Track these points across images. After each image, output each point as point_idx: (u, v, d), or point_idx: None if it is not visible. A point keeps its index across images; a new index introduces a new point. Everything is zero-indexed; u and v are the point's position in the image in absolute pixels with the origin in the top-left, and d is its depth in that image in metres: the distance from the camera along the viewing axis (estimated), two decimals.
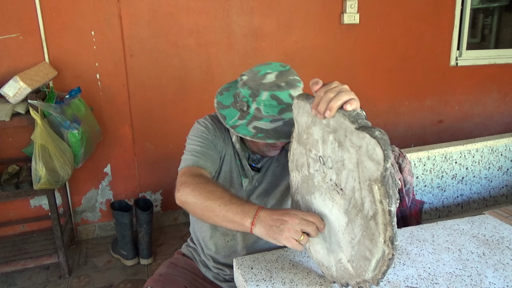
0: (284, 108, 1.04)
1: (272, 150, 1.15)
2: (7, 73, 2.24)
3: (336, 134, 0.77)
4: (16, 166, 2.35)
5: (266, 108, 1.04)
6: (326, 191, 0.86)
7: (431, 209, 2.14)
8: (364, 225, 0.75)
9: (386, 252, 0.73)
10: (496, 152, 2.21)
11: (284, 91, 1.04)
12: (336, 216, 0.83)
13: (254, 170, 1.20)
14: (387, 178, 0.69)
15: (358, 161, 0.72)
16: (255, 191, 1.21)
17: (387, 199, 0.69)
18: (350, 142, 0.73)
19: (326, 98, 0.76)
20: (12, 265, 2.17)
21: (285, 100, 1.04)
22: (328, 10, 2.87)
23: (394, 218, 0.70)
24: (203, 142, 1.13)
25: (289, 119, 1.03)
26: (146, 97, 2.63)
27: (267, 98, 1.04)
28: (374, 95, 3.16)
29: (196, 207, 0.96)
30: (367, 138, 0.68)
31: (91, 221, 2.72)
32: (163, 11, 2.53)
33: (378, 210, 0.71)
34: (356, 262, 0.80)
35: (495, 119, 3.66)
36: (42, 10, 2.30)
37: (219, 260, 1.26)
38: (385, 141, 0.67)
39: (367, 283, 0.79)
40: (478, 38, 3.71)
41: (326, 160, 0.83)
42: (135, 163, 2.71)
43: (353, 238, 0.80)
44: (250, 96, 1.06)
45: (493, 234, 1.15)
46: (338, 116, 0.75)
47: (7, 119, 1.99)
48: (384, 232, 0.71)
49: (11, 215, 2.53)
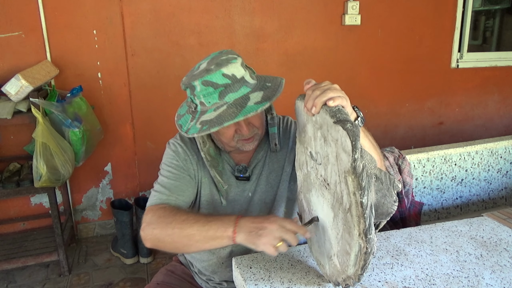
0: (223, 91, 0.96)
1: (245, 144, 1.06)
2: (9, 71, 2.25)
3: (322, 129, 0.80)
4: (17, 164, 2.36)
5: (206, 98, 0.97)
6: (318, 187, 0.88)
7: (430, 210, 2.15)
8: (344, 218, 0.77)
9: (362, 246, 0.74)
10: (495, 155, 2.22)
11: (215, 73, 0.95)
12: (326, 212, 0.85)
13: (243, 179, 1.14)
14: (358, 170, 0.70)
15: (337, 154, 0.75)
16: (251, 202, 1.15)
17: (359, 190, 0.71)
18: (331, 136, 0.76)
19: (313, 96, 0.79)
20: (12, 263, 2.18)
21: (220, 82, 0.95)
22: (330, 11, 2.88)
23: (366, 210, 0.71)
24: (172, 173, 1.09)
25: (233, 101, 0.96)
26: (147, 96, 2.63)
27: (201, 87, 0.96)
28: (375, 97, 3.16)
29: (174, 242, 0.96)
30: (340, 130, 0.72)
31: (91, 219, 2.72)
32: (165, 10, 2.54)
33: (352, 202, 0.73)
34: (340, 258, 0.82)
35: (496, 122, 3.66)
36: (44, 9, 2.31)
37: (210, 277, 1.24)
38: (354, 133, 0.69)
39: (351, 280, 0.80)
40: (479, 40, 3.71)
41: (316, 157, 0.85)
42: (135, 162, 2.72)
43: (337, 233, 0.81)
44: (191, 94, 1.01)
45: (491, 236, 1.15)
46: (322, 112, 0.79)
47: (8, 117, 2.00)
48: (358, 224, 0.73)
49: (11, 213, 2.54)
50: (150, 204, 1.07)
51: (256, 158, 1.16)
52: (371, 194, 0.74)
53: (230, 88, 0.96)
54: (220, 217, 0.94)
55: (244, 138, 1.05)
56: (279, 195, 1.17)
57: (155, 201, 1.06)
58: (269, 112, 1.14)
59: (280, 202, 1.17)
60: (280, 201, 1.17)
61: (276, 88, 0.98)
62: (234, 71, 0.97)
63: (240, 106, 0.95)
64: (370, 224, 0.72)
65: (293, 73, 2.85)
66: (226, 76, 0.96)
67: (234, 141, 1.06)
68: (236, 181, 1.15)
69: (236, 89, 0.97)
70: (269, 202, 1.16)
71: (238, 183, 1.15)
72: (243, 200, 1.16)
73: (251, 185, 1.16)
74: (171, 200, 1.06)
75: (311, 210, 0.96)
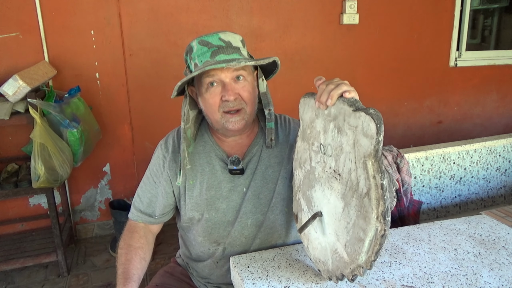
0: (215, 51, 1.02)
1: (230, 118, 1.05)
2: (7, 72, 2.25)
3: (336, 121, 0.84)
4: (15, 164, 2.36)
5: (200, 58, 1.03)
6: (325, 180, 0.89)
7: (429, 209, 2.15)
8: (359, 204, 0.79)
9: (379, 229, 0.76)
10: (494, 153, 2.22)
11: (212, 35, 1.04)
12: (334, 203, 0.87)
13: (236, 173, 1.12)
14: (379, 153, 0.75)
15: (355, 141, 0.79)
16: (245, 198, 1.13)
17: (379, 173, 0.75)
18: (348, 124, 0.80)
19: (327, 89, 0.85)
20: (11, 264, 2.18)
21: (215, 43, 1.03)
22: (328, 10, 2.88)
23: (386, 192, 0.75)
24: (149, 182, 1.19)
25: (222, 60, 0.99)
26: (146, 97, 2.63)
27: (197, 46, 1.04)
28: (373, 96, 3.16)
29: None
30: (362, 116, 0.76)
31: (90, 220, 2.72)
32: (162, 10, 2.54)
33: (372, 185, 0.76)
34: (350, 247, 0.83)
35: (494, 120, 3.66)
36: (42, 9, 2.31)
37: (208, 280, 1.25)
38: (379, 117, 0.74)
39: (361, 269, 0.80)
40: (478, 39, 3.71)
41: (326, 149, 0.89)
42: (134, 162, 2.72)
43: (348, 222, 0.83)
44: (188, 57, 1.08)
45: (490, 234, 1.15)
46: (338, 103, 0.83)
47: (6, 117, 1.99)
48: (377, 207, 0.75)
49: (10, 214, 2.54)
50: (130, 215, 1.23)
51: (250, 152, 1.15)
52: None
53: (222, 50, 1.02)
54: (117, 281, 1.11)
55: (230, 109, 1.04)
56: (277, 192, 1.14)
57: (132, 216, 1.22)
58: (267, 107, 1.13)
59: (279, 200, 1.15)
60: (280, 199, 1.15)
61: (269, 61, 1.05)
62: (230, 39, 1.05)
63: (227, 62, 0.98)
64: (388, 207, 0.75)
65: (291, 72, 2.85)
66: (222, 40, 1.03)
67: (219, 112, 1.05)
68: (230, 176, 1.13)
69: (229, 52, 1.03)
70: (263, 198, 1.13)
71: (232, 178, 1.13)
72: (237, 196, 1.13)
73: (246, 179, 1.13)
74: (144, 218, 1.20)
75: (312, 207, 0.95)
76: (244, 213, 1.13)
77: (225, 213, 1.13)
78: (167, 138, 1.20)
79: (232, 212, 1.13)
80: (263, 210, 1.14)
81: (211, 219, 1.14)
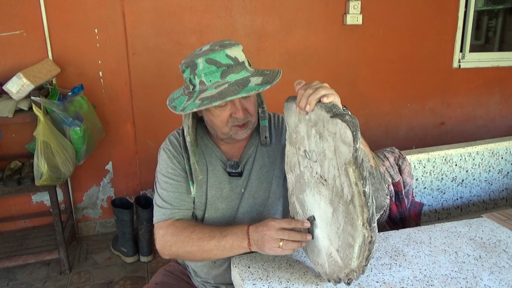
0: (225, 71, 0.99)
1: (238, 131, 1.07)
2: (11, 70, 2.25)
3: (317, 126, 0.82)
4: (18, 162, 2.37)
5: (208, 77, 0.99)
6: (314, 185, 0.89)
7: (431, 211, 2.14)
8: (346, 210, 0.78)
9: (366, 235, 0.75)
10: (496, 155, 2.21)
11: (219, 53, 0.98)
12: (324, 208, 0.86)
13: (235, 175, 1.15)
14: (359, 160, 0.73)
15: (335, 148, 0.77)
16: (242, 198, 1.16)
17: (361, 180, 0.73)
18: (327, 131, 0.78)
19: (306, 94, 0.83)
20: (13, 260, 2.19)
21: (223, 62, 0.98)
22: (331, 10, 2.87)
23: (369, 199, 0.73)
24: (169, 183, 1.13)
25: (234, 81, 0.98)
26: (148, 95, 2.64)
27: (204, 65, 0.98)
28: (376, 96, 3.16)
29: (193, 257, 1.06)
30: (339, 123, 0.74)
31: (92, 217, 2.73)
32: (166, 9, 2.54)
33: (355, 192, 0.74)
34: (342, 252, 0.82)
35: (497, 122, 3.65)
36: (46, 7, 2.32)
37: (206, 279, 1.25)
38: (354, 124, 0.72)
39: (354, 273, 0.80)
40: (482, 40, 3.69)
41: (311, 155, 0.87)
42: (136, 161, 2.72)
43: (338, 228, 0.82)
44: (191, 74, 1.02)
45: (490, 237, 1.15)
46: (317, 109, 0.81)
47: (10, 115, 2.00)
48: (362, 214, 0.74)
49: (13, 211, 2.55)
50: (157, 220, 1.13)
51: (247, 154, 1.17)
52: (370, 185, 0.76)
53: (232, 69, 0.99)
54: (233, 230, 1.01)
55: (238, 124, 1.06)
56: (272, 192, 1.16)
57: (161, 217, 1.12)
58: (260, 105, 1.15)
59: (275, 200, 1.17)
60: (275, 199, 1.17)
61: (275, 75, 1.01)
62: (236, 54, 1.01)
63: (241, 85, 0.97)
64: (373, 213, 0.74)
65: (294, 72, 2.85)
66: (229, 57, 1.00)
67: (228, 126, 1.07)
68: (229, 178, 1.15)
69: (238, 71, 1.00)
70: (259, 198, 1.15)
71: (231, 180, 1.15)
72: (236, 197, 1.16)
73: (243, 180, 1.16)
74: (175, 214, 1.12)
75: (306, 210, 0.96)
76: (242, 213, 1.15)
77: (224, 213, 1.15)
78: (168, 141, 1.20)
79: (231, 212, 1.15)
80: (258, 210, 1.16)
81: (210, 219, 1.16)
